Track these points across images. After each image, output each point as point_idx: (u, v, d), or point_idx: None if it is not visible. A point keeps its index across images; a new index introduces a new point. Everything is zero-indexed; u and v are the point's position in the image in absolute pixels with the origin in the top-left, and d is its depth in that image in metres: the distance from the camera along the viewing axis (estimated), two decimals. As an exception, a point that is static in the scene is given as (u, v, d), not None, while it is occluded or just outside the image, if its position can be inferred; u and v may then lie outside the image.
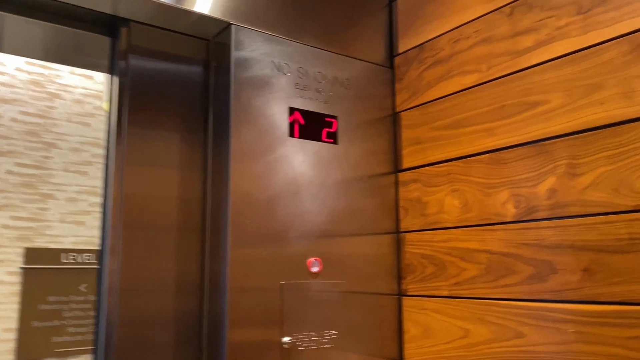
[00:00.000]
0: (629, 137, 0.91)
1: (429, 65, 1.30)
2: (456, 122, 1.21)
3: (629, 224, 0.90)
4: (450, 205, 1.20)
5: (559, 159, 1.01)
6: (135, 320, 1.05)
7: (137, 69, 1.12)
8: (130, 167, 1.08)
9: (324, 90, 1.26)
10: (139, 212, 1.08)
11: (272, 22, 1.20)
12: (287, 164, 1.17)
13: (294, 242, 1.15)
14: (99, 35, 1.13)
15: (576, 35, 1.00)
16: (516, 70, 1.10)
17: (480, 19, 1.19)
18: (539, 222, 1.03)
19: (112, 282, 1.03)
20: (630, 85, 0.91)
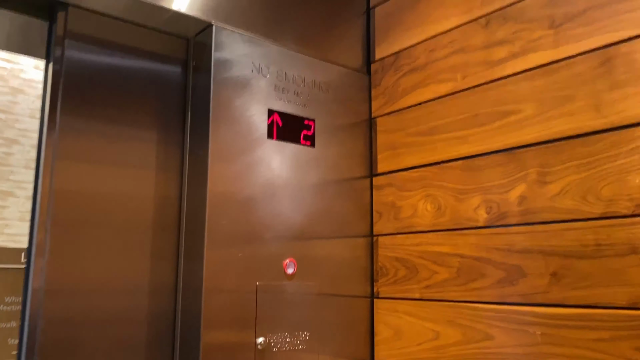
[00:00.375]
0: (597, 147, 0.95)
1: (405, 73, 1.33)
2: (431, 129, 1.24)
3: (595, 230, 0.94)
4: (424, 209, 1.23)
5: (529, 167, 1.05)
6: (69, 321, 1.00)
7: (75, 59, 1.08)
8: (61, 162, 1.03)
9: (303, 94, 1.27)
10: (77, 209, 1.04)
11: (253, 24, 1.21)
12: (265, 166, 1.17)
13: (270, 243, 1.15)
14: (36, 20, 1.08)
15: (549, 48, 1.04)
16: (490, 80, 1.14)
17: (456, 29, 1.23)
18: (509, 228, 1.06)
19: (38, 283, 0.99)
20: (599, 98, 0.96)
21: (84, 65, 1.08)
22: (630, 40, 0.93)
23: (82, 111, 1.06)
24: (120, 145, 1.10)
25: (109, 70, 1.11)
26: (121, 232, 1.08)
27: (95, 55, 1.09)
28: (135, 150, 1.12)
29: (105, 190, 1.07)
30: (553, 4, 1.05)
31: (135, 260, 1.09)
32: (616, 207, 0.92)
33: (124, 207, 1.09)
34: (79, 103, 1.06)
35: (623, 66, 0.93)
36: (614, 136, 0.93)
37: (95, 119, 1.08)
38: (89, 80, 1.08)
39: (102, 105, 1.09)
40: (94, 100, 1.08)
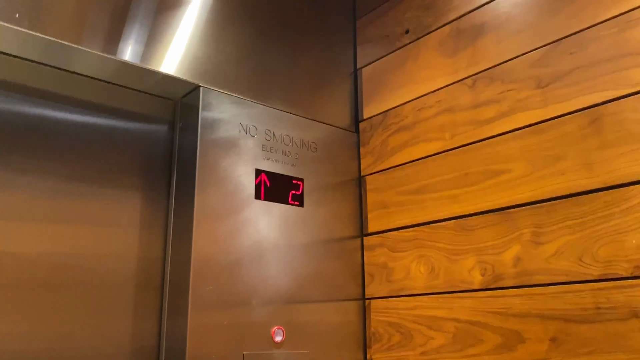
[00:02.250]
0: (590, 207, 0.94)
1: (393, 132, 1.33)
2: (421, 187, 1.23)
3: (594, 293, 0.91)
4: (417, 271, 1.19)
5: (523, 227, 1.02)
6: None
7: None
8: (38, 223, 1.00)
9: (291, 153, 1.26)
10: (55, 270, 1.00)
11: (240, 85, 1.21)
12: (253, 227, 1.14)
13: (258, 309, 1.10)
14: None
15: (537, 108, 1.04)
16: (479, 139, 1.13)
17: (443, 89, 1.23)
18: (505, 290, 1.03)
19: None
20: (589, 157, 0.95)
21: (63, 125, 1.06)
22: (617, 100, 0.93)
23: (61, 172, 1.04)
24: (103, 205, 1.07)
25: (93, 130, 1.09)
26: (102, 294, 1.04)
27: (77, 115, 1.08)
28: (119, 210, 1.09)
29: (87, 251, 1.03)
30: (539, 65, 1.06)
31: (117, 323, 1.04)
32: (614, 269, 0.89)
33: (106, 268, 1.05)
34: (59, 163, 1.04)
35: (612, 125, 0.93)
36: (607, 196, 0.92)
37: (78, 179, 1.05)
38: (69, 139, 1.06)
39: (84, 165, 1.06)
40: (74, 160, 1.06)
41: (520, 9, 1.12)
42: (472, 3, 1.21)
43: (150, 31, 1.10)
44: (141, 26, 1.09)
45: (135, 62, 1.06)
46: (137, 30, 1.08)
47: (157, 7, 1.12)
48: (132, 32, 1.07)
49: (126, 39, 1.06)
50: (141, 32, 1.08)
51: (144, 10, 1.10)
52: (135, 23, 1.08)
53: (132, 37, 1.07)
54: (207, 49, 1.18)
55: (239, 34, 1.24)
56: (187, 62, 1.13)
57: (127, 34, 1.06)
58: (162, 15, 1.12)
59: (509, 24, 1.13)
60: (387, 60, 1.39)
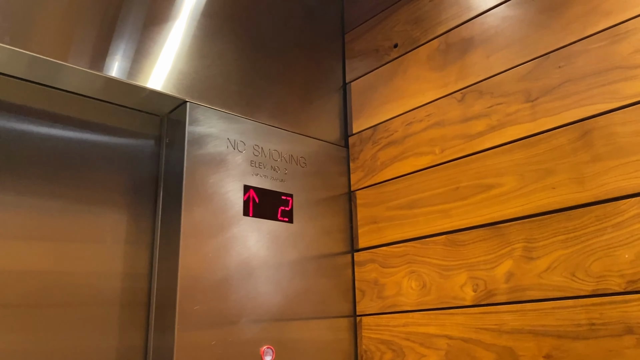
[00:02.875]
0: (582, 221, 0.93)
1: (383, 146, 1.32)
2: (411, 202, 1.21)
3: (587, 309, 0.90)
4: (408, 287, 1.17)
5: (514, 242, 1.01)
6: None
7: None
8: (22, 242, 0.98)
9: (280, 168, 1.24)
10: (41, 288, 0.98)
11: (227, 100, 1.19)
12: (241, 244, 1.12)
13: (246, 327, 1.08)
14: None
15: (526, 122, 1.04)
16: (469, 153, 1.12)
17: (432, 103, 1.23)
18: (498, 307, 1.01)
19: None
20: (580, 171, 0.94)
21: (48, 141, 1.04)
22: (607, 114, 0.93)
23: (46, 188, 1.01)
24: (89, 221, 1.05)
25: (78, 146, 1.07)
26: (88, 311, 1.01)
27: (62, 131, 1.06)
28: (105, 227, 1.07)
29: (72, 268, 1.01)
30: (528, 78, 1.05)
31: (103, 341, 1.01)
32: (607, 284, 0.88)
33: (91, 285, 1.03)
34: (43, 179, 1.02)
35: (602, 139, 0.93)
36: (599, 210, 0.91)
37: (62, 195, 1.03)
38: (54, 156, 1.04)
39: (70, 182, 1.04)
40: (59, 177, 1.03)
41: (509, 23, 1.11)
42: (460, 17, 1.21)
43: (137, 47, 1.08)
44: (128, 42, 1.07)
45: (121, 78, 1.04)
46: (124, 46, 1.06)
47: (144, 23, 1.11)
48: (119, 48, 1.06)
49: (113, 55, 1.05)
50: (128, 48, 1.07)
51: (131, 26, 1.08)
52: (122, 39, 1.07)
53: (118, 53, 1.05)
54: (195, 64, 1.16)
55: (226, 49, 1.23)
56: (174, 78, 1.12)
57: (114, 50, 1.05)
58: (149, 30, 1.11)
59: (497, 37, 1.13)
60: (376, 74, 1.38)
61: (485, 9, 1.16)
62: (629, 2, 0.94)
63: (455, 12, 1.22)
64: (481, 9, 1.17)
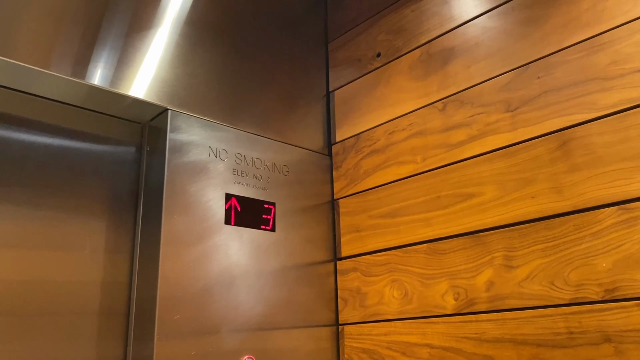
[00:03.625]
0: (561, 230, 0.94)
1: (365, 155, 1.32)
2: (394, 211, 1.22)
3: (566, 317, 0.90)
4: (390, 296, 1.17)
5: (495, 251, 1.02)
6: None
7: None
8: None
9: (262, 177, 1.24)
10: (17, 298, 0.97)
11: (210, 108, 1.19)
12: (222, 253, 1.11)
13: (227, 337, 1.07)
14: None
15: (506, 131, 1.05)
16: (450, 162, 1.13)
17: (414, 112, 1.23)
18: (478, 315, 1.02)
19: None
20: (559, 181, 0.95)
21: (27, 149, 1.03)
22: (584, 124, 0.94)
23: (24, 196, 1.00)
24: (68, 229, 1.04)
25: (58, 153, 1.06)
26: (65, 321, 1.00)
27: (42, 139, 1.05)
28: (84, 235, 1.05)
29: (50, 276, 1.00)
30: (508, 88, 1.07)
31: (81, 351, 1.00)
32: (585, 293, 0.89)
33: (70, 294, 1.01)
34: (22, 187, 1.00)
35: (580, 149, 0.94)
36: (577, 219, 0.92)
37: (41, 203, 1.02)
38: (33, 163, 1.03)
39: (49, 189, 1.03)
40: (38, 184, 1.02)
41: (489, 34, 1.13)
42: (442, 27, 1.22)
43: (120, 55, 1.08)
44: (111, 50, 1.07)
45: (104, 86, 1.03)
46: (106, 54, 1.06)
47: (127, 31, 1.10)
48: (102, 55, 1.05)
49: (95, 62, 1.04)
50: (110, 56, 1.06)
51: (113, 34, 1.08)
52: (104, 47, 1.06)
53: (101, 61, 1.05)
54: (177, 72, 1.16)
55: (209, 57, 1.23)
56: (156, 86, 1.11)
57: (96, 58, 1.04)
58: (131, 38, 1.10)
59: (478, 48, 1.14)
60: (359, 83, 1.39)
61: (466, 20, 1.18)
62: (606, 14, 0.95)
63: (437, 22, 1.24)
64: (462, 20, 1.18)
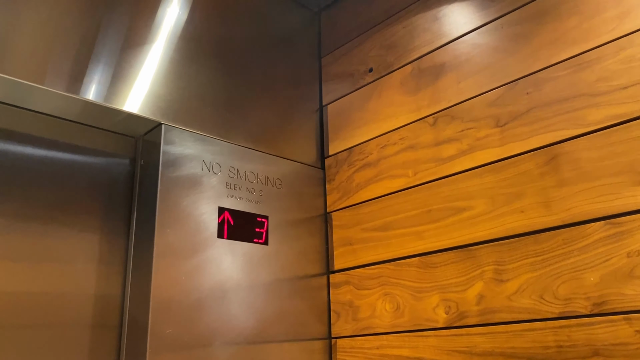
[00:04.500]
0: (549, 245, 0.95)
1: (358, 168, 1.33)
2: (386, 224, 1.23)
3: (555, 331, 0.91)
4: (382, 309, 1.18)
5: (485, 265, 1.03)
6: None
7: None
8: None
9: (255, 190, 1.25)
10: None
11: (203, 122, 1.20)
12: (215, 266, 1.12)
13: (220, 350, 1.07)
14: None
15: (495, 146, 1.06)
16: (441, 176, 1.14)
17: (405, 127, 1.25)
18: (469, 329, 1.02)
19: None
20: (547, 195, 0.97)
21: (22, 162, 1.03)
22: (572, 139, 0.95)
23: (19, 209, 1.00)
24: (61, 242, 1.04)
25: (52, 167, 1.06)
26: (58, 333, 1.00)
27: (37, 153, 1.05)
28: (77, 248, 1.06)
29: (42, 289, 1.00)
30: (497, 104, 1.08)
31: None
32: (574, 307, 0.90)
33: (62, 306, 1.02)
34: (17, 200, 1.01)
35: (567, 164, 0.95)
36: (565, 233, 0.93)
37: (36, 216, 1.02)
38: (28, 177, 1.03)
39: (43, 202, 1.04)
40: (33, 197, 1.03)
41: (479, 50, 1.14)
42: (433, 43, 1.24)
43: (114, 70, 1.09)
44: (105, 65, 1.08)
45: (98, 101, 1.04)
46: (101, 69, 1.07)
47: (122, 46, 1.11)
48: (96, 71, 1.06)
49: (90, 77, 1.05)
50: (105, 71, 1.07)
51: (108, 50, 1.09)
52: (99, 62, 1.07)
53: (95, 76, 1.06)
54: (171, 86, 1.17)
55: (203, 72, 1.24)
56: (150, 100, 1.12)
57: (91, 73, 1.05)
58: (126, 54, 1.11)
59: (468, 64, 1.16)
60: (352, 97, 1.40)
61: (457, 36, 1.19)
62: (593, 32, 0.97)
63: (428, 38, 1.25)
64: (453, 36, 1.20)
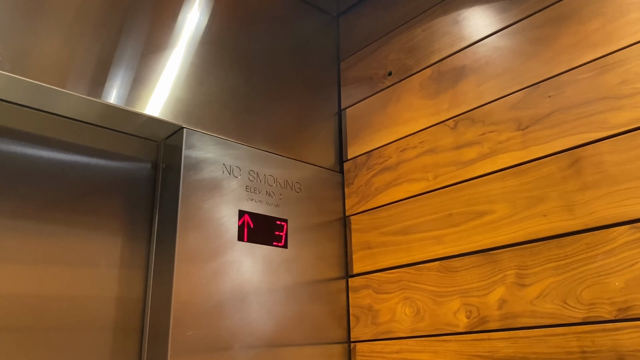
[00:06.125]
0: (572, 249, 0.94)
1: (377, 172, 1.33)
2: (405, 228, 1.22)
3: (579, 336, 0.90)
4: (402, 313, 1.18)
5: (507, 269, 1.02)
6: None
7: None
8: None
9: (275, 194, 1.25)
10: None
11: (224, 126, 1.21)
12: (235, 269, 1.12)
13: (240, 353, 1.08)
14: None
15: (517, 150, 1.05)
16: (462, 180, 1.14)
17: (425, 130, 1.24)
18: (490, 333, 1.01)
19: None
20: (570, 199, 0.96)
21: (45, 166, 1.05)
22: (595, 143, 0.94)
23: (42, 213, 1.02)
24: (84, 245, 1.06)
25: (75, 170, 1.08)
26: (80, 336, 1.01)
27: (60, 156, 1.07)
28: (99, 251, 1.07)
29: (65, 292, 1.01)
30: (519, 107, 1.07)
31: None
32: (598, 312, 0.89)
33: (84, 310, 1.03)
34: (40, 204, 1.02)
35: (591, 167, 0.94)
36: (589, 237, 0.92)
37: (58, 220, 1.04)
38: (50, 180, 1.05)
39: (66, 206, 1.05)
40: (56, 201, 1.04)
41: (500, 53, 1.14)
42: (452, 46, 1.24)
43: (136, 74, 1.10)
44: (126, 69, 1.09)
45: (119, 104, 1.06)
46: (122, 73, 1.08)
47: (143, 51, 1.13)
48: (118, 75, 1.08)
49: (111, 81, 1.06)
50: (126, 75, 1.09)
51: (129, 54, 1.11)
52: (120, 66, 1.09)
53: (117, 80, 1.07)
54: (192, 91, 1.18)
55: (223, 76, 1.25)
56: (171, 104, 1.14)
57: (112, 77, 1.07)
58: (147, 58, 1.13)
59: (488, 67, 1.15)
60: (371, 101, 1.41)
61: (477, 39, 1.19)
62: (615, 34, 0.96)
63: (448, 41, 1.25)
64: (473, 39, 1.20)
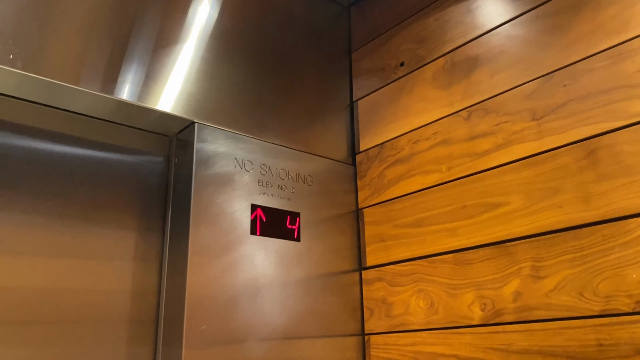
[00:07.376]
0: (589, 241, 0.92)
1: (390, 164, 1.32)
2: (419, 220, 1.21)
3: (596, 329, 0.89)
4: (416, 306, 1.17)
5: (522, 261, 1.01)
6: None
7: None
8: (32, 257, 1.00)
9: (287, 187, 1.25)
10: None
11: (235, 120, 1.21)
12: (248, 263, 1.13)
13: (254, 346, 1.08)
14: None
15: (532, 140, 1.04)
16: (476, 171, 1.12)
17: (438, 121, 1.23)
18: (506, 326, 1.01)
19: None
20: (586, 190, 0.94)
21: (59, 162, 1.06)
22: (612, 132, 0.93)
23: (56, 207, 1.03)
24: (98, 239, 1.06)
25: (88, 166, 1.09)
26: (96, 329, 1.02)
27: (73, 152, 1.08)
28: (114, 245, 1.08)
29: (80, 285, 1.02)
30: (533, 97, 1.06)
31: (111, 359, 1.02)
32: (615, 304, 0.87)
33: (100, 303, 1.04)
34: (54, 199, 1.03)
35: (607, 158, 0.92)
36: (606, 229, 0.91)
37: (73, 214, 1.05)
38: (64, 176, 1.06)
39: (80, 201, 1.06)
40: (70, 196, 1.05)
41: (514, 42, 1.12)
42: (465, 36, 1.22)
43: (147, 70, 1.10)
44: (138, 65, 1.09)
45: (132, 100, 1.06)
46: (134, 69, 1.08)
47: (154, 46, 1.13)
48: (130, 71, 1.08)
49: (123, 77, 1.07)
50: (138, 71, 1.09)
51: (141, 50, 1.11)
52: (132, 62, 1.09)
53: (129, 76, 1.07)
54: (203, 85, 1.18)
55: (234, 70, 1.25)
56: (183, 99, 1.14)
57: (125, 73, 1.07)
58: (158, 53, 1.13)
59: (502, 56, 1.13)
60: (383, 92, 1.39)
61: (490, 28, 1.17)
62: (632, 21, 0.94)
63: (461, 31, 1.23)
64: (486, 28, 1.18)
